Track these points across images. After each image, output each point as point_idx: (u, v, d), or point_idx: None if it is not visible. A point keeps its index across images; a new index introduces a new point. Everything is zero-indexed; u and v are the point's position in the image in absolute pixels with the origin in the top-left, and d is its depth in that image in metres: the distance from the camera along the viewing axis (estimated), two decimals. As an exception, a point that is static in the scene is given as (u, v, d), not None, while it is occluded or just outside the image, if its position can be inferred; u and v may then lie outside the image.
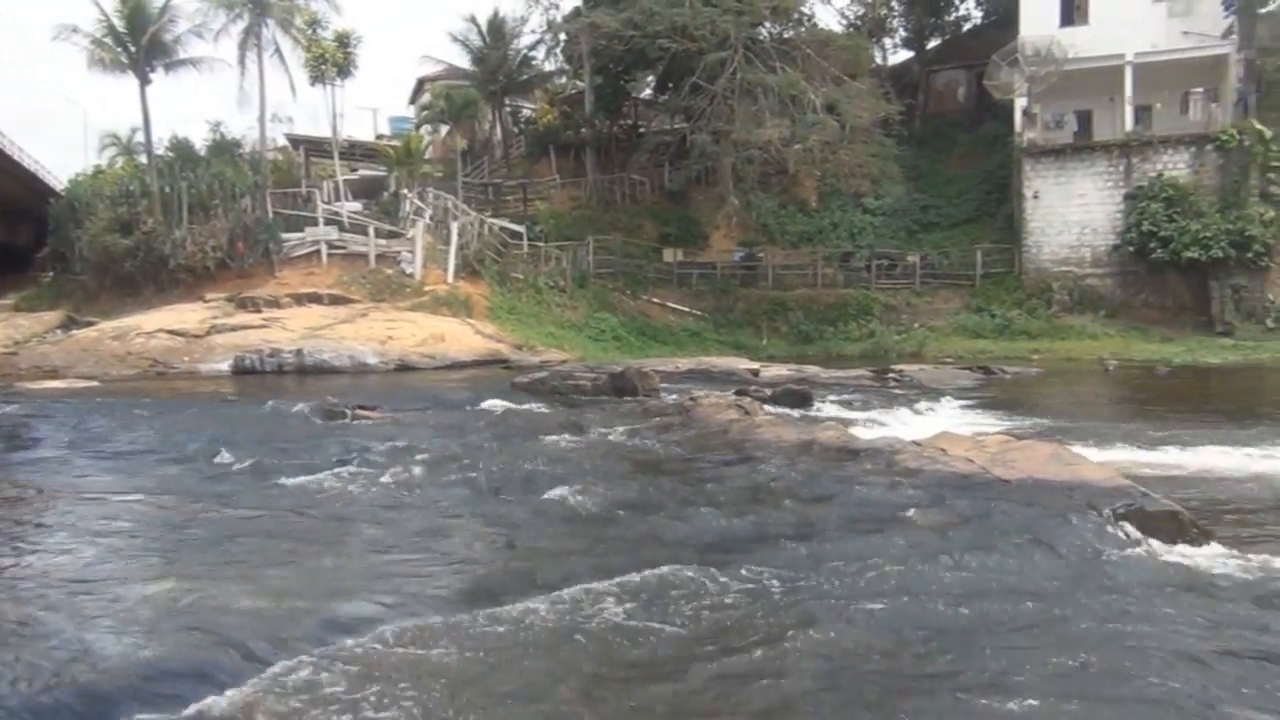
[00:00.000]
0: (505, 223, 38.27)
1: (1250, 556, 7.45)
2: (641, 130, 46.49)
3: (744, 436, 12.72)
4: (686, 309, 37.12)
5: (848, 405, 18.20)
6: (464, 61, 48.26)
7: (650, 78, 45.58)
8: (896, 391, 20.78)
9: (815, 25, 40.76)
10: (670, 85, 41.81)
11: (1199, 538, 7.98)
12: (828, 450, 11.33)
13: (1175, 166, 33.52)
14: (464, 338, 29.42)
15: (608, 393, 19.51)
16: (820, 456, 11.11)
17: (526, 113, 52.20)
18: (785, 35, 38.07)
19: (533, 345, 30.62)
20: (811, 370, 24.51)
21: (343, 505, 9.53)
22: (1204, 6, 33.59)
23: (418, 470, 11.07)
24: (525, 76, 48.84)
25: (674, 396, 18.33)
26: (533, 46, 47.97)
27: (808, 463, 10.91)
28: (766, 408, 16.14)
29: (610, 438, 13.59)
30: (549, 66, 49.29)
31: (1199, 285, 32.29)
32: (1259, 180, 32.09)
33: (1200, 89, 35.76)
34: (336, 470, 11.02)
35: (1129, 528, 7.88)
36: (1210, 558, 7.42)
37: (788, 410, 16.70)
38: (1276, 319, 31.02)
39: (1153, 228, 32.17)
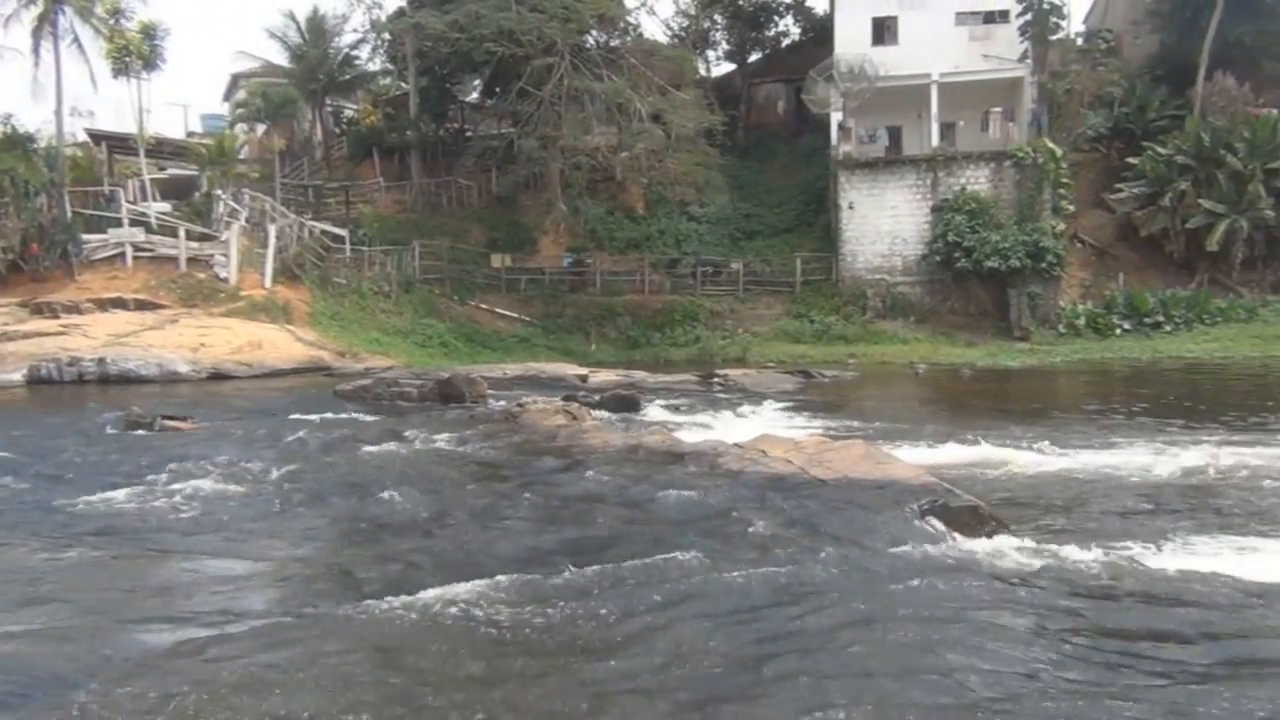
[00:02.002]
0: (327, 226, 37.11)
1: (1043, 547, 7.98)
2: (468, 134, 46.00)
3: (571, 442, 12.76)
4: (515, 315, 36.91)
5: (674, 409, 18.49)
6: (282, 58, 46.64)
7: (477, 81, 45.17)
8: (721, 395, 21.25)
9: (641, 36, 41.28)
10: (497, 89, 41.53)
11: (998, 530, 8.50)
12: (654, 454, 11.49)
13: (977, 181, 35.58)
14: (283, 345, 28.34)
15: (434, 400, 19.19)
16: (646, 460, 11.26)
17: (349, 113, 50.81)
18: (612, 44, 38.40)
19: (356, 352, 29.79)
20: (639, 375, 24.79)
21: (144, 522, 9.02)
22: (1002, 32, 35.83)
23: (230, 483, 10.60)
24: (347, 76, 47.56)
25: (502, 403, 18.19)
26: (355, 46, 46.82)
27: (634, 466, 11.03)
28: (594, 413, 16.24)
29: (436, 445, 13.36)
30: (372, 67, 48.22)
31: (999, 293, 34.33)
32: (1051, 195, 34.39)
33: (999, 108, 38.13)
34: (138, 486, 10.41)
35: (934, 522, 8.33)
36: (1007, 549, 7.90)
37: (616, 415, 16.83)
38: (1067, 325, 33.31)
39: (957, 238, 34.01)
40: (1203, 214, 33.28)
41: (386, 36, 43.69)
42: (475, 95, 47.12)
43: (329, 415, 16.95)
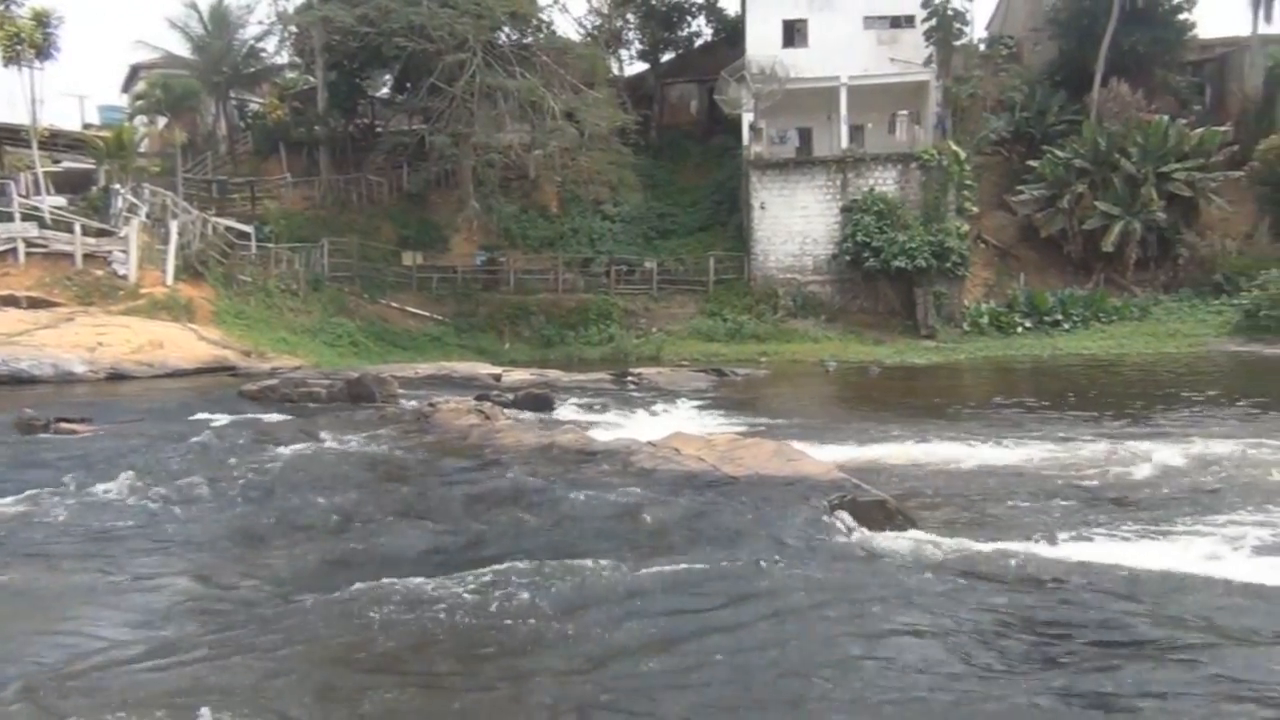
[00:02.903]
0: (231, 222, 36.16)
1: (948, 540, 8.19)
2: (379, 130, 45.24)
3: (484, 442, 12.68)
4: (427, 314, 36.50)
5: (588, 408, 18.50)
6: (184, 50, 45.16)
7: (387, 76, 44.49)
8: (635, 394, 21.32)
9: (554, 33, 41.14)
10: (408, 85, 40.99)
11: (905, 524, 8.71)
12: (567, 453, 11.49)
13: (885, 182, 36.31)
14: (186, 344, 27.52)
15: (343, 400, 18.85)
16: (559, 459, 11.25)
17: (254, 107, 49.59)
18: (524, 42, 38.23)
19: (263, 352, 29.07)
20: (553, 374, 24.73)
21: (38, 531, 8.68)
22: (908, 36, 36.62)
23: (131, 487, 10.26)
24: (252, 69, 46.41)
25: (413, 403, 17.95)
26: (260, 38, 45.66)
27: (547, 465, 11.01)
28: (507, 412, 16.14)
29: (346, 446, 13.12)
30: (279, 60, 47.11)
31: (906, 292, 35.09)
32: (955, 197, 35.28)
33: (905, 111, 38.96)
34: (31, 493, 10.02)
35: (843, 517, 8.48)
36: (914, 542, 8.09)
37: (529, 414, 16.76)
38: (971, 323, 34.21)
39: (866, 238, 34.66)
40: (1099, 216, 34.48)
41: (293, 29, 42.73)
42: (385, 90, 46.40)
43: (235, 416, 16.52)
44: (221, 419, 16.20)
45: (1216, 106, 41.32)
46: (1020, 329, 33.65)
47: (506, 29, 37.93)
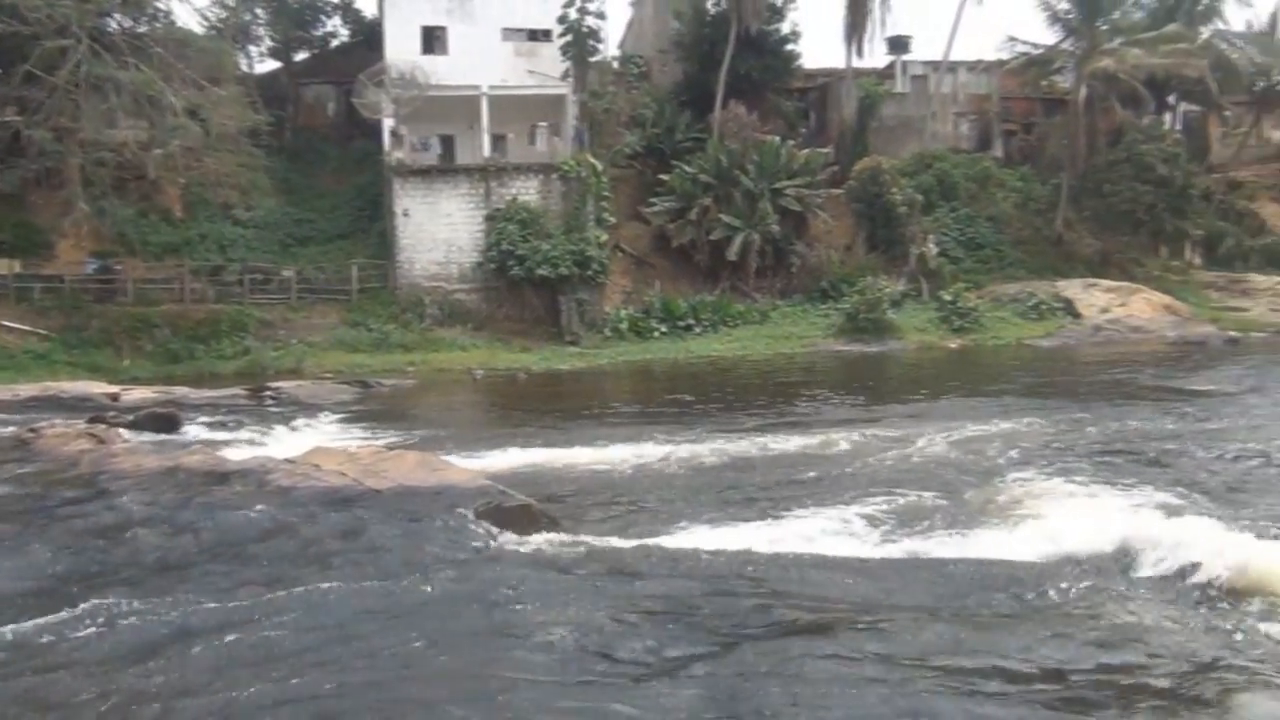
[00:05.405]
0: None
1: (589, 538, 8.50)
2: (-40, 121, 39.82)
3: (98, 468, 11.51)
4: (28, 328, 32.50)
5: (221, 426, 17.44)
6: None
7: (-30, 61, 39.26)
8: (273, 409, 20.33)
9: (173, 24, 38.08)
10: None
11: (549, 527, 8.93)
12: (194, 475, 10.69)
13: (527, 192, 36.97)
14: None
15: (-79, 429, 16.40)
16: (186, 483, 10.44)
17: None
18: (139, 31, 35.09)
19: None
20: (181, 391, 22.95)
21: None
22: (546, 50, 37.50)
23: None
24: None
25: (11, 429, 15.96)
26: None
27: (173, 490, 10.20)
28: (126, 434, 14.78)
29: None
30: None
31: (550, 300, 35.91)
32: (594, 207, 36.59)
33: (545, 123, 39.88)
34: None
35: (488, 524, 8.55)
36: (557, 543, 8.32)
37: (152, 436, 15.47)
38: (612, 329, 35.64)
39: (510, 247, 35.10)
40: (723, 227, 37.14)
41: None
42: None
43: None
44: None
45: (820, 130, 46.01)
46: (657, 333, 35.49)
47: (118, 16, 34.66)
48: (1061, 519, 9.53)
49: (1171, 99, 46.18)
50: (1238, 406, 18.29)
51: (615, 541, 8.25)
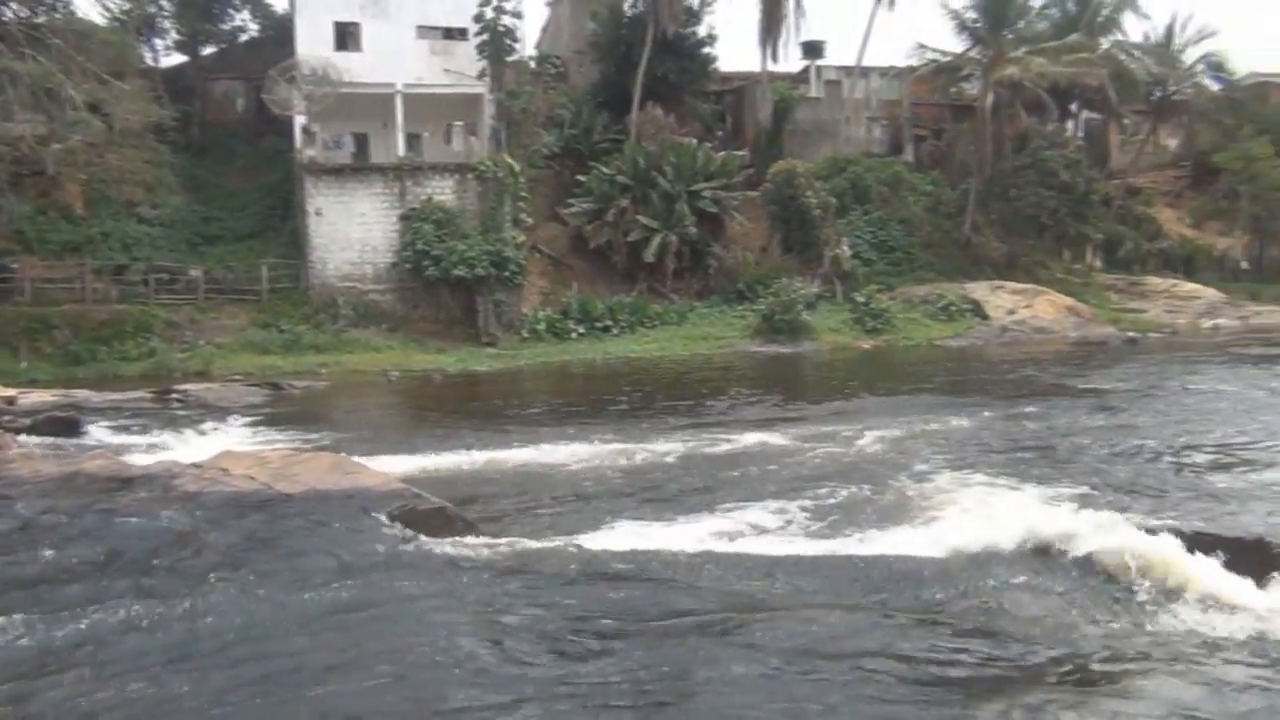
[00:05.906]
0: None
1: (502, 540, 8.44)
2: None
3: (-10, 475, 11.04)
4: (-85, 330, 31.15)
5: (125, 430, 16.95)
6: None
7: None
8: (180, 413, 19.83)
9: (73, 15, 36.80)
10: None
11: (464, 529, 8.85)
12: (96, 481, 10.31)
13: (443, 192, 36.57)
14: None
15: None
16: (86, 489, 10.07)
17: None
18: (36, 21, 33.82)
19: None
20: (82, 395, 22.15)
21: None
22: (462, 49, 37.15)
23: None
24: None
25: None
26: None
27: (73, 497, 9.83)
28: (23, 439, 14.23)
29: None
30: None
31: (467, 300, 35.58)
32: (511, 208, 36.37)
33: (461, 122, 39.50)
34: None
35: (402, 527, 8.44)
36: (470, 545, 8.25)
37: (51, 440, 14.95)
38: (530, 330, 35.46)
39: (426, 247, 34.70)
40: (640, 229, 37.24)
41: None
42: None
43: None
44: None
45: (736, 133, 46.44)
46: (574, 334, 35.42)
47: (14, 5, 33.37)
48: (971, 515, 9.78)
49: (1074, 107, 47.72)
50: (1138, 404, 18.98)
51: (533, 543, 8.22)
